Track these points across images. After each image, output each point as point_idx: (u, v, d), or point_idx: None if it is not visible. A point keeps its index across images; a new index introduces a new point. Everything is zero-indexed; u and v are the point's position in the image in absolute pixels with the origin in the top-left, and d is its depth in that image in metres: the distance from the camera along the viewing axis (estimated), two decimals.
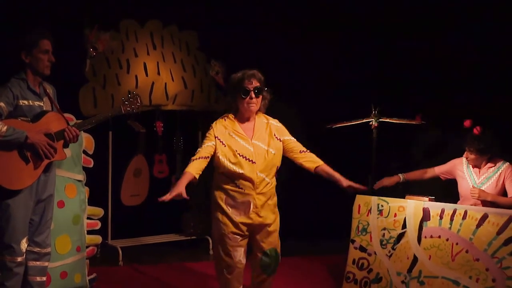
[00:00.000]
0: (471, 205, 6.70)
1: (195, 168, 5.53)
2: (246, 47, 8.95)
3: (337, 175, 5.75)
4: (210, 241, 8.85)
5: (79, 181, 6.68)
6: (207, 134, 5.72)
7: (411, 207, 6.55)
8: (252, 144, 5.63)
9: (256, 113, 5.79)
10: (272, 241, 5.80)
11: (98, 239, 7.13)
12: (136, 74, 8.15)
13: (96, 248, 7.31)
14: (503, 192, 6.83)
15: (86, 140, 6.81)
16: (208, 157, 5.60)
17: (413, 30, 9.05)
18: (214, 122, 5.77)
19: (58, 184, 6.35)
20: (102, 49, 6.53)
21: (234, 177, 5.60)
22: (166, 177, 8.77)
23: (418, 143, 8.81)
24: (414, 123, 7.32)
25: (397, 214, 6.61)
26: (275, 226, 5.80)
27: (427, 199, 6.55)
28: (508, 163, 6.85)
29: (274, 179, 5.78)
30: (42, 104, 5.38)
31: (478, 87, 8.38)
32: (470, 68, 8.54)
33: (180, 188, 5.36)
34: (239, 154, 5.57)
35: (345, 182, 5.70)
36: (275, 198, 5.83)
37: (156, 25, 8.53)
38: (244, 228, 5.65)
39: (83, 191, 6.72)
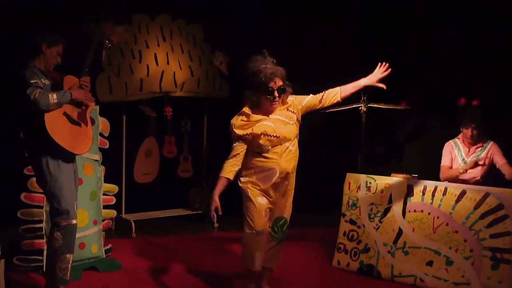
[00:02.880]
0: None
1: (227, 171, 5.37)
2: (247, 39, 8.92)
3: (357, 86, 5.65)
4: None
5: (96, 160, 6.67)
6: (232, 137, 5.45)
7: (396, 184, 6.55)
8: (271, 120, 5.40)
9: None
10: (285, 209, 5.67)
11: (113, 213, 7.14)
12: (148, 63, 8.13)
13: (111, 221, 7.34)
14: (491, 168, 6.90)
15: (102, 124, 6.80)
16: (239, 154, 5.40)
17: (399, 23, 9.01)
18: (233, 123, 5.45)
19: (77, 163, 6.37)
20: (117, 41, 6.48)
21: (262, 151, 5.39)
22: (174, 157, 8.78)
23: (402, 126, 8.81)
24: (399, 108, 7.32)
25: (384, 190, 6.61)
26: (291, 195, 5.68)
27: (410, 176, 6.56)
28: (492, 141, 6.91)
29: (297, 149, 5.57)
30: (48, 82, 5.42)
31: (460, 75, 8.36)
32: (452, 58, 8.53)
33: (216, 202, 5.38)
34: (263, 133, 5.33)
35: (369, 81, 5.62)
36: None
37: (166, 19, 8.51)
38: (270, 195, 5.49)
39: (99, 169, 6.72)
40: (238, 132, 5.41)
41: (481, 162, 6.80)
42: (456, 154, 7.05)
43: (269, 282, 5.88)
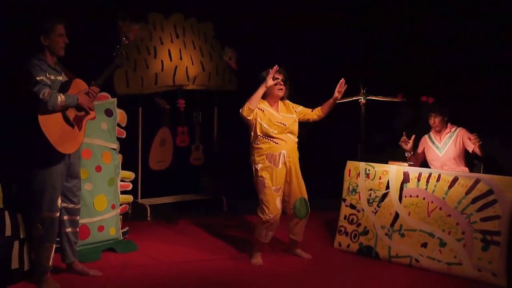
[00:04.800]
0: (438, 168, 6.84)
1: None
2: (254, 36, 8.92)
3: (329, 103, 6.41)
4: (224, 200, 8.90)
5: (114, 149, 6.69)
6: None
7: (394, 171, 6.56)
8: (280, 114, 6.21)
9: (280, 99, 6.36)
10: (300, 190, 6.29)
11: (129, 198, 7.16)
12: (162, 59, 8.13)
13: (128, 205, 7.34)
14: (464, 151, 6.96)
15: (120, 115, 6.82)
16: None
17: (397, 20, 8.99)
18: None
19: (96, 152, 6.42)
20: (133, 38, 6.48)
21: (270, 136, 6.11)
22: (187, 146, 8.78)
23: (399, 118, 8.79)
24: (396, 100, 7.31)
25: (382, 177, 6.62)
26: (301, 177, 6.33)
27: (407, 164, 6.56)
28: (460, 127, 6.97)
29: (297, 139, 6.31)
30: (61, 78, 5.23)
31: (451, 70, 8.34)
32: (444, 54, 8.51)
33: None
34: (272, 119, 6.12)
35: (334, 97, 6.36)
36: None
37: (179, 18, 8.49)
38: (282, 180, 6.17)
39: (117, 157, 6.74)
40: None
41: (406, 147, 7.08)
42: (431, 145, 7.12)
43: (297, 246, 6.59)
